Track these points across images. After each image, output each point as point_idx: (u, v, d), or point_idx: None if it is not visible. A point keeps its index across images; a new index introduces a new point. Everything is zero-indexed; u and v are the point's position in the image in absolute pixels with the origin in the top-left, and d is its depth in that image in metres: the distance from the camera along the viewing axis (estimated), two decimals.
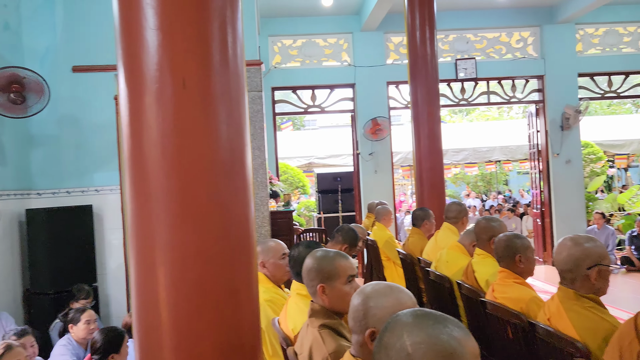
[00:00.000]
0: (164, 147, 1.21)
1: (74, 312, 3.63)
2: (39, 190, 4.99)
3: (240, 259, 1.30)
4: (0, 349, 2.71)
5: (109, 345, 3.01)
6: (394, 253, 4.91)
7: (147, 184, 1.22)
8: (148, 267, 1.25)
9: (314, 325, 1.95)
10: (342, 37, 7.94)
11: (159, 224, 1.22)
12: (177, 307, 1.19)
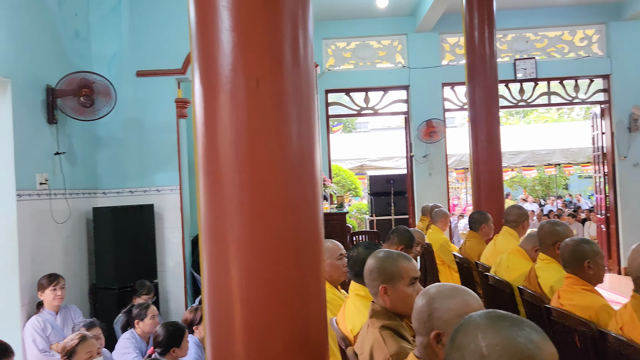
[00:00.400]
0: (237, 146, 1.23)
1: (139, 309, 3.78)
2: (104, 190, 5.23)
3: (309, 257, 1.31)
4: (75, 340, 2.86)
5: (171, 339, 3.11)
6: (449, 257, 4.82)
7: (219, 182, 1.25)
8: (220, 263, 1.28)
9: (374, 326, 1.95)
10: (397, 39, 7.88)
11: (231, 221, 1.24)
12: (248, 304, 1.21)
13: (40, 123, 4.25)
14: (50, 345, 3.77)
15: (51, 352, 3.74)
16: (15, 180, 3.85)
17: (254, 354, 1.23)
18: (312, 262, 1.34)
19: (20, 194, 3.90)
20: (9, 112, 3.87)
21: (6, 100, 3.87)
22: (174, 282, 5.22)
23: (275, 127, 1.27)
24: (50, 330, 3.81)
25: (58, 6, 4.63)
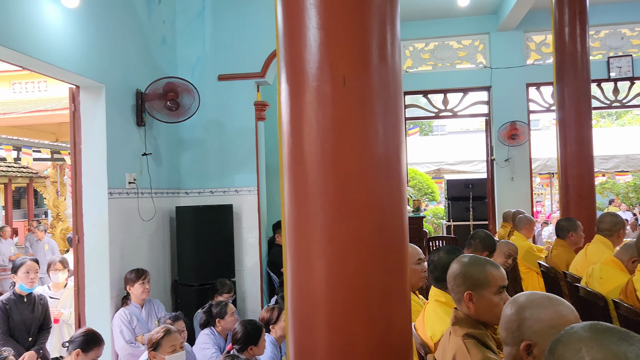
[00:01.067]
0: (322, 144, 1.20)
1: (220, 307, 3.88)
2: (187, 190, 5.43)
3: (393, 258, 1.26)
4: (160, 333, 2.97)
5: (249, 337, 3.16)
6: (535, 265, 4.56)
7: (304, 181, 1.22)
8: (304, 262, 1.25)
9: (457, 334, 1.87)
10: (478, 38, 7.61)
11: (316, 219, 1.21)
12: (331, 303, 1.18)
13: (129, 125, 4.48)
14: (136, 337, 3.96)
15: (136, 343, 3.92)
16: (107, 179, 4.09)
17: (337, 355, 1.19)
18: (397, 263, 1.29)
19: (112, 192, 4.14)
20: (102, 115, 4.12)
21: (100, 104, 4.12)
22: (251, 281, 5.32)
23: (361, 125, 1.23)
24: (136, 323, 4.01)
25: (148, 15, 4.88)
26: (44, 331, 4.03)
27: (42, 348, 3.94)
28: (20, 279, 3.93)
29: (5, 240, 9.41)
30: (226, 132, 5.38)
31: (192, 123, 5.28)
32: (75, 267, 4.12)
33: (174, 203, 5.21)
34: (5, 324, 3.78)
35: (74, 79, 3.90)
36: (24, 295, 3.91)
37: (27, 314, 3.91)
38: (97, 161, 4.10)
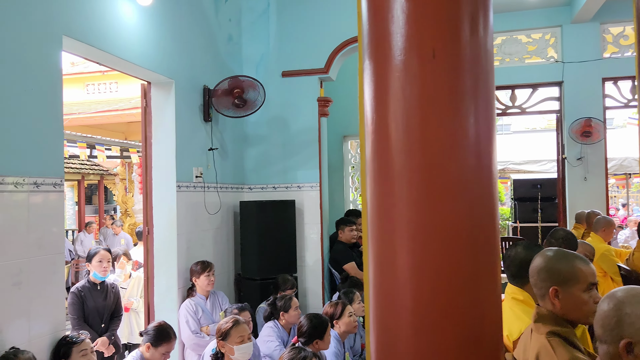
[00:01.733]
0: (409, 120, 1.14)
1: (284, 300, 3.89)
2: (250, 185, 5.50)
3: (483, 247, 1.17)
4: (229, 323, 3.00)
5: (314, 330, 3.14)
6: (613, 268, 4.28)
7: (388, 162, 1.16)
8: (387, 250, 1.18)
9: (540, 331, 1.76)
10: (549, 31, 7.26)
11: (400, 202, 1.14)
12: (416, 295, 1.11)
13: (197, 121, 4.58)
14: (201, 327, 4.04)
15: (201, 333, 3.99)
16: (175, 173, 4.19)
17: (423, 349, 1.12)
18: (487, 251, 1.20)
19: (180, 185, 4.24)
20: (172, 111, 4.22)
21: (170, 100, 4.23)
22: (313, 277, 5.32)
23: (451, 102, 1.15)
24: (201, 314, 4.08)
25: (215, 13, 4.98)
26: (116, 318, 4.18)
27: (113, 334, 4.08)
28: (94, 268, 4.09)
29: (89, 234, 9.93)
30: (289, 128, 5.41)
31: (256, 120, 5.35)
32: (145, 258, 4.25)
33: (238, 198, 5.28)
34: (80, 310, 3.94)
35: (146, 74, 4.03)
36: (97, 283, 4.08)
37: (100, 301, 4.07)
38: (167, 155, 4.21)
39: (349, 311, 3.66)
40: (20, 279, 2.69)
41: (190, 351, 3.98)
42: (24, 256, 2.72)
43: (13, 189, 2.66)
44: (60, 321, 2.97)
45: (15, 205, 2.68)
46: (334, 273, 5.28)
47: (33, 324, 2.75)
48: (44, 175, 2.86)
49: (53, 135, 2.95)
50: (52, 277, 2.90)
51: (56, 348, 2.86)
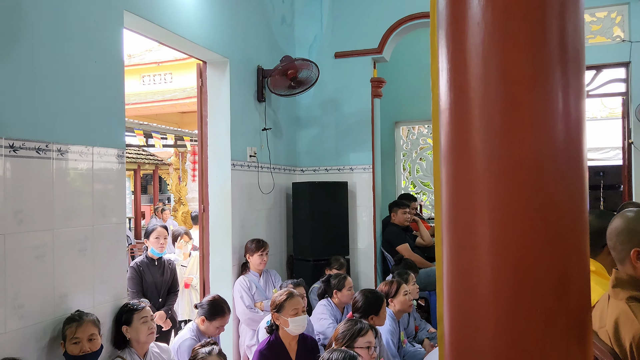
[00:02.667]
0: (488, 94, 1.04)
1: (338, 279, 3.87)
2: (302, 168, 5.49)
3: (572, 239, 1.06)
4: (284, 295, 3.00)
5: (369, 306, 3.09)
6: None
7: (466, 140, 1.06)
8: (465, 232, 1.09)
9: (619, 297, 1.65)
10: (615, 9, 6.87)
11: (480, 181, 1.04)
12: (496, 294, 1.02)
13: (251, 100, 4.60)
14: (255, 303, 4.06)
15: (255, 309, 4.02)
16: (230, 151, 4.23)
17: (504, 332, 1.04)
18: (575, 244, 1.08)
19: (234, 163, 4.27)
20: (227, 90, 4.26)
21: (225, 79, 4.26)
22: (365, 260, 5.26)
23: (535, 74, 1.04)
24: (255, 290, 4.11)
25: None
26: (172, 294, 4.27)
27: (170, 309, 4.17)
28: (152, 244, 4.19)
29: (158, 219, 10.25)
30: (342, 109, 5.36)
31: (309, 102, 5.33)
32: (201, 235, 4.31)
33: (291, 180, 5.28)
34: (139, 285, 4.04)
35: (202, 53, 4.07)
36: (155, 259, 4.17)
37: (157, 276, 4.17)
38: (222, 134, 4.25)
39: (404, 290, 3.59)
40: (85, 246, 2.77)
41: (245, 326, 4.01)
42: (89, 224, 2.80)
43: (78, 158, 2.74)
44: (122, 289, 3.05)
45: (80, 174, 2.76)
46: (387, 256, 5.21)
47: (97, 290, 2.83)
48: (107, 146, 2.93)
49: (115, 108, 3.02)
50: (115, 245, 2.98)
51: (118, 314, 2.93)
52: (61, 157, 2.63)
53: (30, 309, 2.42)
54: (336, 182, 5.11)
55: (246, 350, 3.97)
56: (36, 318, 2.45)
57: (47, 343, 2.50)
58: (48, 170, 2.55)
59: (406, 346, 3.69)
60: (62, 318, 2.55)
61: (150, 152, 15.55)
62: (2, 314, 2.29)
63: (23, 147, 2.41)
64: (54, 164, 2.59)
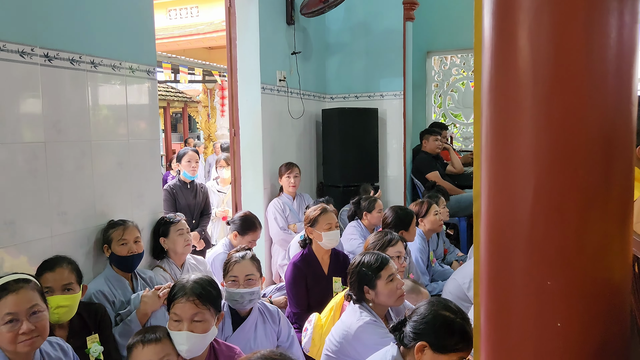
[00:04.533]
0: (537, 29, 0.94)
1: (368, 201, 3.89)
2: (332, 95, 5.42)
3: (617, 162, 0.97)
4: (317, 210, 3.04)
5: (399, 221, 3.11)
6: None
7: (513, 72, 0.97)
8: (504, 174, 1.01)
9: None
10: None
11: (525, 120, 0.96)
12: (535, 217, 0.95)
13: (280, 23, 4.50)
14: (288, 225, 4.14)
15: (288, 230, 4.10)
16: (260, 74, 4.19)
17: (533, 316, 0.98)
18: (622, 171, 1.00)
19: (264, 87, 4.24)
20: (255, 11, 4.16)
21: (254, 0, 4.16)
22: (394, 188, 5.26)
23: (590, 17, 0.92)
24: (288, 212, 4.18)
25: None
26: (205, 216, 4.38)
27: (203, 230, 4.30)
28: (184, 167, 4.27)
29: (210, 155, 10.40)
30: (373, 33, 5.20)
31: (339, 27, 5.19)
32: (232, 159, 4.36)
33: (320, 107, 5.24)
34: (173, 207, 4.15)
35: None
36: (187, 182, 4.25)
37: (190, 199, 4.27)
38: (251, 57, 4.19)
39: (435, 210, 3.59)
40: (122, 160, 2.83)
41: (278, 247, 4.11)
42: (124, 138, 2.85)
43: (110, 71, 2.75)
44: (158, 203, 3.13)
45: (113, 88, 2.78)
46: (417, 183, 5.19)
47: (134, 203, 2.91)
48: (138, 62, 2.93)
49: (145, 23, 2.98)
50: (149, 161, 3.04)
51: (155, 227, 3.03)
52: (94, 69, 2.64)
53: (73, 216, 2.51)
54: (366, 108, 5.04)
55: (278, 270, 4.08)
56: (79, 225, 2.55)
57: (90, 249, 2.61)
58: (82, 82, 2.57)
59: (435, 265, 3.73)
60: (102, 226, 2.65)
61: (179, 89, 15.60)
62: (48, 219, 2.38)
63: (57, 57, 2.42)
64: (88, 76, 2.60)
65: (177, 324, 1.77)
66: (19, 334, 1.62)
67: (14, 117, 2.21)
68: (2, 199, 2.16)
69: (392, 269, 2.14)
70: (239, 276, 2.29)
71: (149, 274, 2.81)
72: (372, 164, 5.06)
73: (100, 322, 2.35)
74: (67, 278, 2.12)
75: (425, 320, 1.62)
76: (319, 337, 2.42)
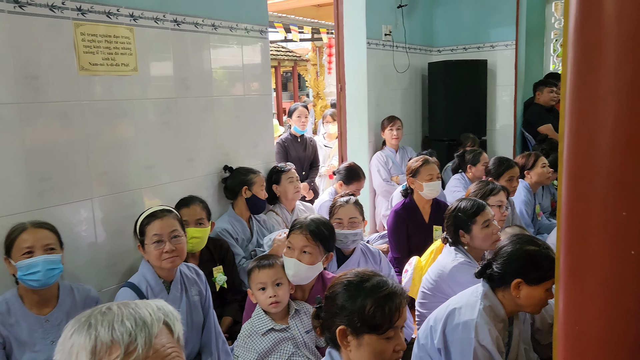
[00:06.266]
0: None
1: (473, 154, 3.89)
2: (439, 48, 5.35)
3: None
4: (419, 161, 3.14)
5: (499, 169, 3.13)
6: None
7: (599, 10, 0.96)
8: (582, 113, 1.02)
9: None
10: None
11: (605, 60, 0.95)
12: None
13: None
14: (391, 177, 4.27)
15: (391, 182, 4.24)
16: (365, 29, 4.26)
17: None
18: None
19: (370, 42, 4.32)
20: None
21: None
22: (503, 141, 5.14)
23: None
24: (391, 164, 4.30)
25: None
26: (314, 168, 4.64)
27: (312, 181, 4.57)
28: (294, 122, 4.53)
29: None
30: None
31: None
32: (338, 113, 4.54)
33: (426, 60, 5.20)
34: (284, 159, 4.44)
35: None
36: (297, 136, 4.52)
37: (300, 152, 4.54)
38: (357, 12, 4.27)
39: (542, 162, 3.51)
40: (239, 113, 3.12)
41: (381, 198, 4.27)
42: (241, 93, 3.13)
43: (228, 33, 3.01)
44: (270, 153, 3.42)
45: (231, 48, 3.05)
46: (527, 136, 5.02)
47: (250, 152, 3.22)
48: (253, 22, 3.17)
49: None
50: (262, 114, 3.31)
51: (268, 175, 3.32)
52: (214, 31, 2.92)
53: (198, 162, 2.86)
54: (474, 60, 4.92)
55: (382, 220, 4.25)
56: (204, 170, 2.90)
57: (214, 191, 2.97)
58: (205, 43, 2.86)
59: (542, 219, 3.67)
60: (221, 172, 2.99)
61: (289, 48, 15.99)
62: (179, 165, 2.75)
63: (184, 21, 2.72)
64: (209, 37, 2.89)
65: (289, 252, 2.02)
66: (163, 252, 1.98)
67: (150, 76, 2.55)
68: (143, 147, 2.53)
69: (488, 214, 2.21)
70: (343, 218, 2.49)
71: (262, 217, 3.13)
72: (479, 117, 4.97)
73: (224, 256, 2.70)
74: (199, 214, 2.47)
75: (513, 258, 1.69)
76: (419, 278, 2.57)
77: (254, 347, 1.90)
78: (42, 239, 1.92)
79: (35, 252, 1.88)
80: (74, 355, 0.78)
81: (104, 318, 0.81)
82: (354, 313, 1.27)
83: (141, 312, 0.82)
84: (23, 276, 1.86)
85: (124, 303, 0.85)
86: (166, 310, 0.86)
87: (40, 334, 1.93)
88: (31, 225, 1.95)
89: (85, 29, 2.24)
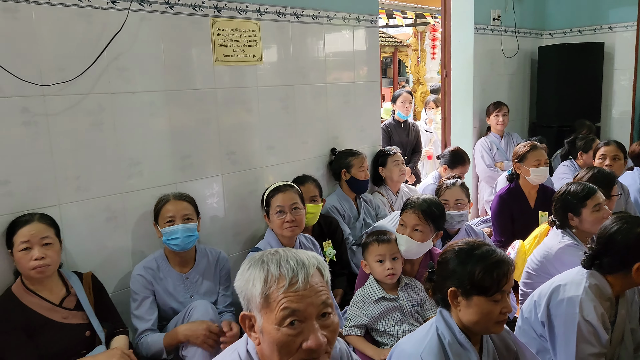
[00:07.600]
0: None
1: (585, 141, 3.79)
2: (551, 31, 5.17)
3: None
4: (527, 147, 3.15)
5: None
6: None
7: None
8: None
9: None
10: None
11: None
12: None
13: None
14: (495, 163, 4.26)
15: (495, 168, 4.23)
16: (473, 15, 4.26)
17: None
18: None
19: (477, 27, 4.30)
20: None
21: None
22: (619, 127, 4.89)
23: None
24: (496, 151, 4.29)
25: None
26: (416, 153, 4.74)
27: (415, 166, 4.67)
28: (398, 108, 4.65)
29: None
30: None
31: None
32: (443, 99, 4.58)
33: (537, 44, 5.05)
34: (387, 144, 4.58)
35: None
36: (401, 121, 4.63)
37: (403, 137, 4.65)
38: None
39: None
40: (348, 99, 3.32)
41: (484, 183, 4.28)
42: (351, 80, 3.32)
43: (342, 23, 3.20)
44: (377, 137, 3.58)
45: (344, 37, 3.23)
46: None
47: (358, 135, 3.40)
48: (364, 12, 3.33)
49: None
50: (370, 100, 3.48)
51: (375, 158, 3.49)
52: (329, 22, 3.12)
53: (311, 145, 3.10)
54: (588, 43, 4.71)
55: (485, 205, 4.27)
56: (316, 152, 3.14)
57: (325, 172, 3.20)
58: (320, 34, 3.08)
59: None
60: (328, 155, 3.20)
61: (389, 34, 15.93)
62: (294, 146, 3.00)
63: (302, 14, 2.95)
64: (324, 28, 3.09)
65: (402, 229, 2.18)
66: (284, 221, 2.23)
67: (272, 65, 2.81)
68: (266, 129, 2.81)
69: (599, 199, 2.21)
70: (449, 200, 2.60)
71: (369, 197, 3.31)
72: (593, 102, 4.76)
73: (334, 231, 2.92)
74: (313, 191, 2.71)
75: (629, 244, 1.69)
76: (522, 261, 2.62)
77: (365, 312, 2.10)
78: (182, 210, 2.23)
79: (175, 220, 2.20)
80: (250, 282, 1.03)
81: (273, 257, 1.05)
82: (465, 277, 1.41)
83: (301, 255, 1.06)
84: (166, 240, 2.19)
85: (287, 249, 1.09)
86: (318, 259, 1.09)
87: (181, 289, 2.26)
88: (173, 197, 2.27)
89: (220, 24, 2.53)
